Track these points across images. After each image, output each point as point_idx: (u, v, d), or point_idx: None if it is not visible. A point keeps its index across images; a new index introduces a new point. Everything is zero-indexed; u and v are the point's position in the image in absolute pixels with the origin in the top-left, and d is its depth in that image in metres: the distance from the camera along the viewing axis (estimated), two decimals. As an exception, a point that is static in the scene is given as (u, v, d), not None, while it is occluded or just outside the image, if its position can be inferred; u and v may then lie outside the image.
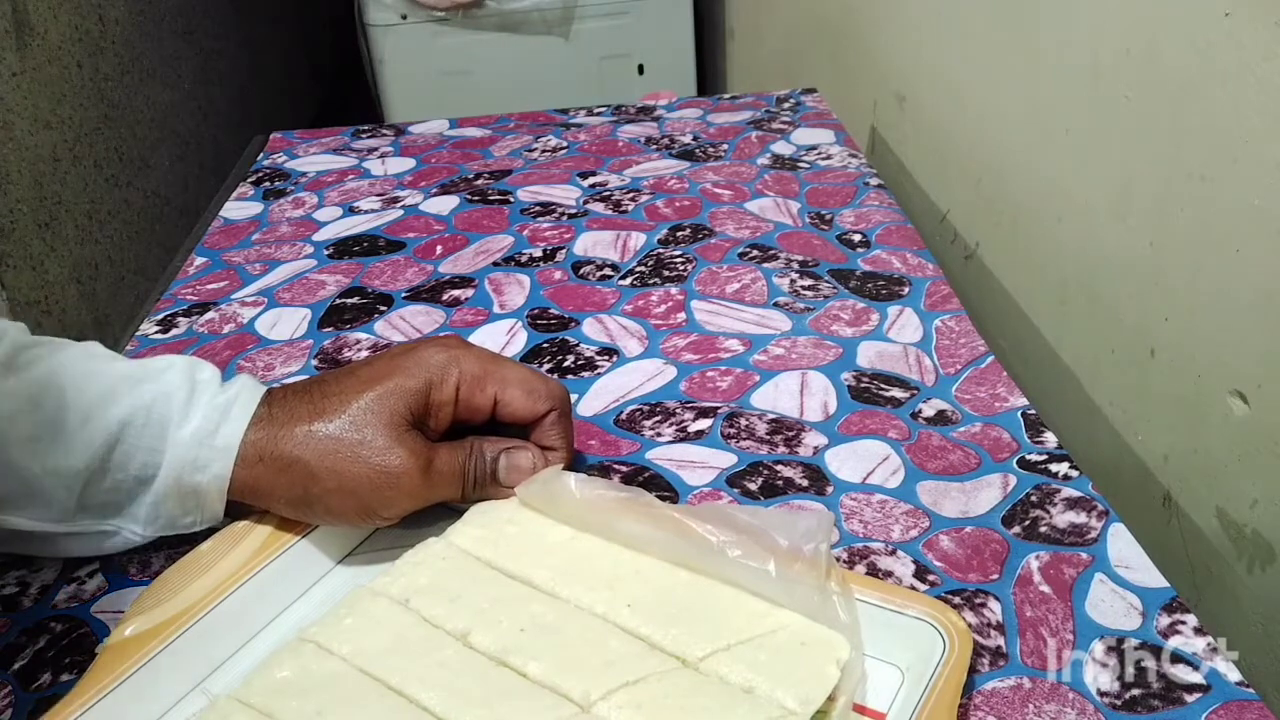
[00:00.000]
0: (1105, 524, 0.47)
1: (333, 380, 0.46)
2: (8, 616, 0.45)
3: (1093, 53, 0.66)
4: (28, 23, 1.31)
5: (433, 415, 0.46)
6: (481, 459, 0.46)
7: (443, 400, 0.46)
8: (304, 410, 0.45)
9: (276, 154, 0.92)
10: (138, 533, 0.45)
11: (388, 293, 0.69)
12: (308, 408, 0.45)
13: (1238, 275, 0.55)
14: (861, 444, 0.53)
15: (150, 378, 0.45)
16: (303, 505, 0.45)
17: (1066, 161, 0.71)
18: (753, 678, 0.37)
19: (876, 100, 1.07)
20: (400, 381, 0.45)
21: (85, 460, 0.43)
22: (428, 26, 1.83)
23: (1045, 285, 0.76)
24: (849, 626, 0.39)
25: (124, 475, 0.44)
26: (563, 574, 0.42)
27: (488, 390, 0.47)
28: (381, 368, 0.46)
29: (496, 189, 0.83)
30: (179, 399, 0.44)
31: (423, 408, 0.45)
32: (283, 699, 0.37)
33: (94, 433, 0.43)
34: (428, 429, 0.46)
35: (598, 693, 0.37)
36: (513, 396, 0.47)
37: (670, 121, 0.94)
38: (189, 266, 0.74)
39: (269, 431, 0.44)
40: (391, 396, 0.44)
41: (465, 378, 0.46)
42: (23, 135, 1.27)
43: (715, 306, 0.65)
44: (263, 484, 0.44)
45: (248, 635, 0.43)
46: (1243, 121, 0.52)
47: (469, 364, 0.47)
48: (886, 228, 0.74)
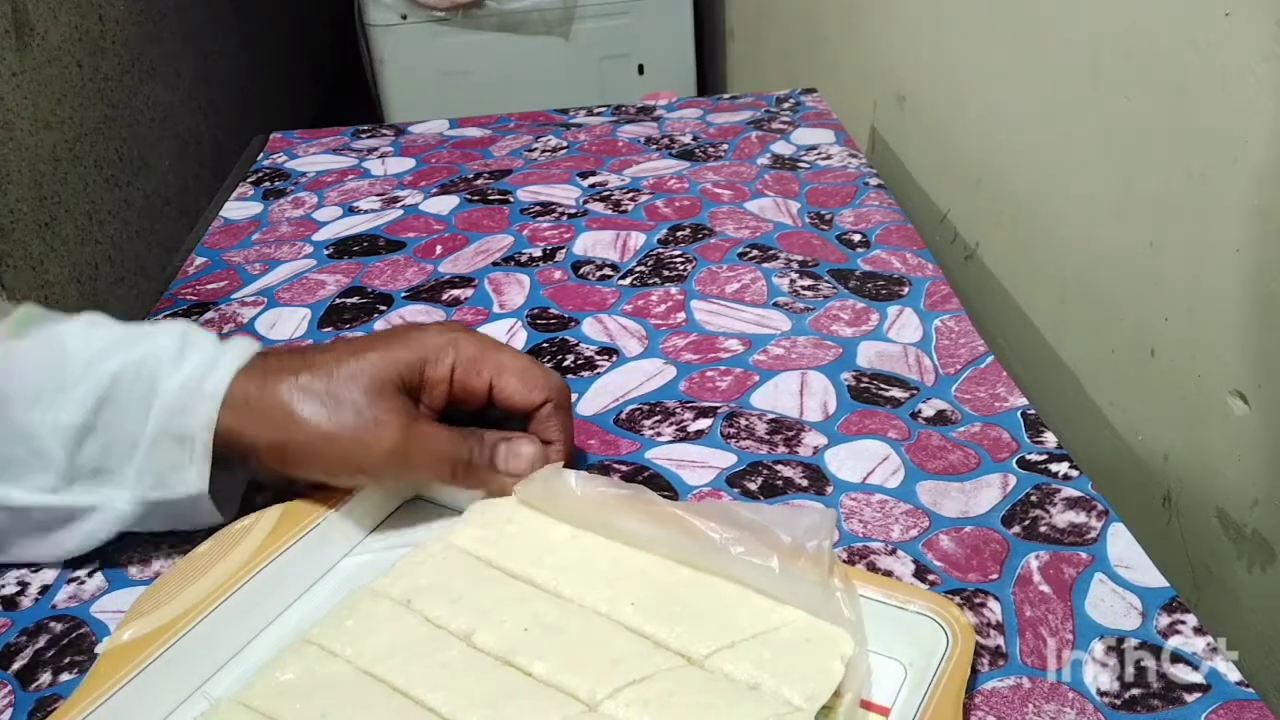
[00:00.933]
0: (1105, 524, 0.47)
1: (328, 346, 0.47)
2: (8, 616, 0.45)
3: (1093, 53, 0.66)
4: (28, 23, 1.31)
5: (426, 391, 0.47)
6: (480, 444, 0.47)
7: (437, 378, 0.47)
8: (294, 364, 0.45)
9: (276, 154, 0.92)
10: (126, 501, 0.45)
11: (387, 292, 0.69)
12: (298, 362, 0.46)
13: (1238, 275, 0.55)
14: (861, 444, 0.53)
15: (145, 338, 0.46)
16: (284, 453, 0.45)
17: (1066, 161, 0.71)
18: (758, 674, 0.37)
19: (876, 100, 1.07)
20: (395, 352, 0.46)
21: (80, 416, 0.44)
22: (428, 26, 1.84)
23: (1045, 285, 0.76)
24: (853, 623, 0.39)
25: (116, 432, 0.44)
26: (564, 573, 0.42)
27: (484, 374, 0.47)
28: (379, 338, 0.47)
29: (496, 189, 0.83)
30: (169, 354, 0.45)
31: (416, 380, 0.46)
32: (286, 701, 0.37)
33: (87, 388, 0.44)
34: (422, 405, 0.47)
35: (604, 691, 0.37)
36: (508, 383, 0.47)
37: (670, 121, 0.94)
38: (189, 266, 0.74)
39: (257, 380, 0.45)
40: (383, 362, 0.45)
41: (461, 359, 0.47)
42: (23, 135, 1.27)
43: (715, 306, 0.65)
44: (247, 430, 0.44)
45: (248, 637, 0.43)
46: (1243, 121, 0.52)
47: (466, 347, 0.47)
48: (886, 228, 0.74)
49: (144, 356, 0.45)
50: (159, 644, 0.40)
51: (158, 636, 0.40)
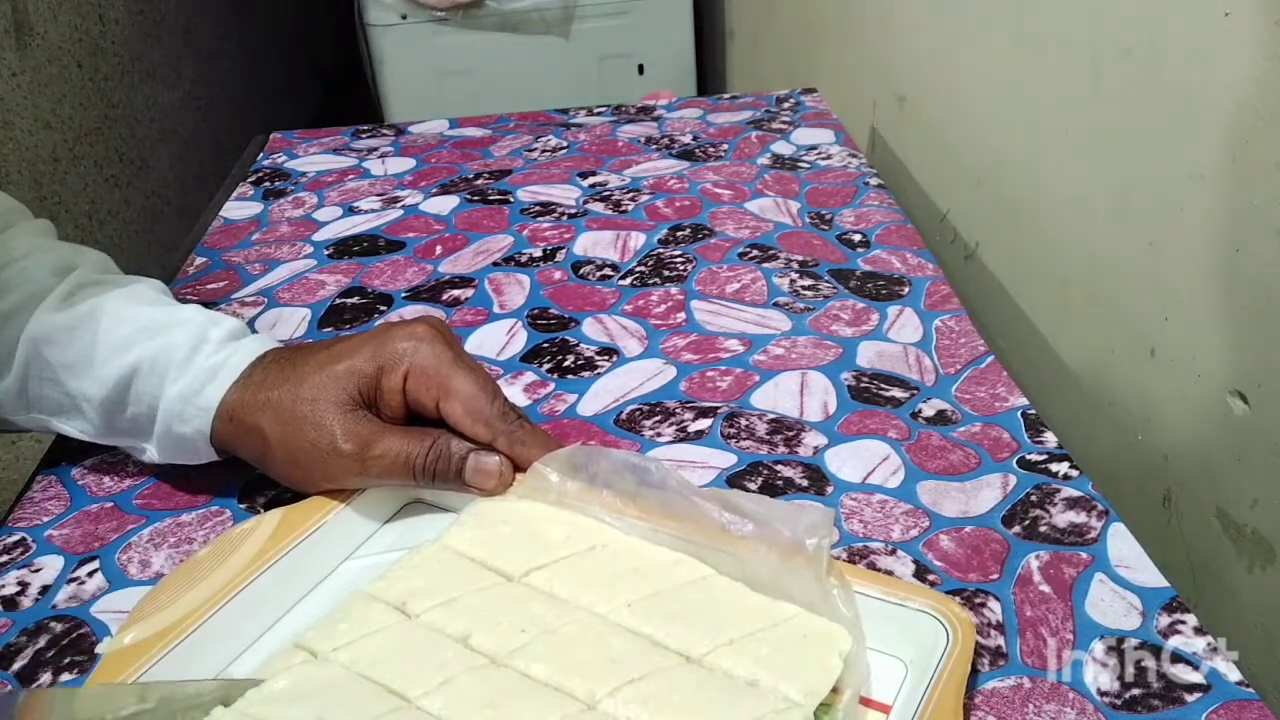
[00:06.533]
0: (1105, 524, 0.47)
1: (312, 351, 0.49)
2: (8, 616, 0.45)
3: (1093, 53, 0.66)
4: (28, 23, 1.31)
5: (382, 400, 0.48)
6: (446, 453, 0.47)
7: (390, 388, 0.48)
8: (275, 379, 0.48)
9: (276, 154, 0.92)
10: (155, 452, 0.50)
11: (387, 292, 0.69)
12: (278, 376, 0.48)
13: (1238, 275, 0.55)
14: (861, 444, 0.53)
15: (164, 331, 0.49)
16: (263, 466, 0.49)
17: (1066, 161, 0.71)
18: (757, 671, 0.37)
19: (876, 100, 1.07)
20: (356, 363, 0.47)
21: (106, 391, 0.49)
22: (428, 26, 1.83)
23: (1045, 285, 0.76)
24: (850, 619, 0.39)
25: (138, 409, 0.49)
26: (560, 574, 0.42)
27: (431, 393, 0.48)
28: (349, 346, 0.49)
29: (496, 189, 0.83)
30: (180, 354, 0.49)
31: (372, 391, 0.48)
32: (281, 707, 0.37)
33: (111, 370, 0.49)
34: (381, 412, 0.48)
35: (603, 690, 0.37)
36: (452, 410, 0.47)
37: (670, 121, 0.94)
38: (189, 266, 0.74)
39: (242, 395, 0.48)
40: (344, 377, 0.47)
41: (414, 371, 0.47)
42: (23, 135, 1.27)
43: (715, 306, 0.65)
44: (232, 442, 0.48)
45: (249, 641, 0.43)
46: (1243, 121, 0.52)
47: (423, 359, 0.48)
48: (886, 228, 0.74)
49: (158, 352, 0.49)
50: (161, 647, 0.40)
51: (160, 640, 0.40)
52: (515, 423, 0.48)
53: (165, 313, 0.51)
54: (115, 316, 0.50)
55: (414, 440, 0.46)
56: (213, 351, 0.49)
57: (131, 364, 0.49)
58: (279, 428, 0.47)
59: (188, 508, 0.51)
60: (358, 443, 0.46)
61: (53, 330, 0.50)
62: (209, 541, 0.47)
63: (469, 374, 0.48)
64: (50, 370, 0.50)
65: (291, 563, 0.45)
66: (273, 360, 0.49)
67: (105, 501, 0.51)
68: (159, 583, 0.43)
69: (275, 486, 0.51)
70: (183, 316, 0.51)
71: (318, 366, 0.47)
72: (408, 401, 0.48)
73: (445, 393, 0.47)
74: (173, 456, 0.50)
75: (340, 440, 0.46)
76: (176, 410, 0.48)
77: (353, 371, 0.47)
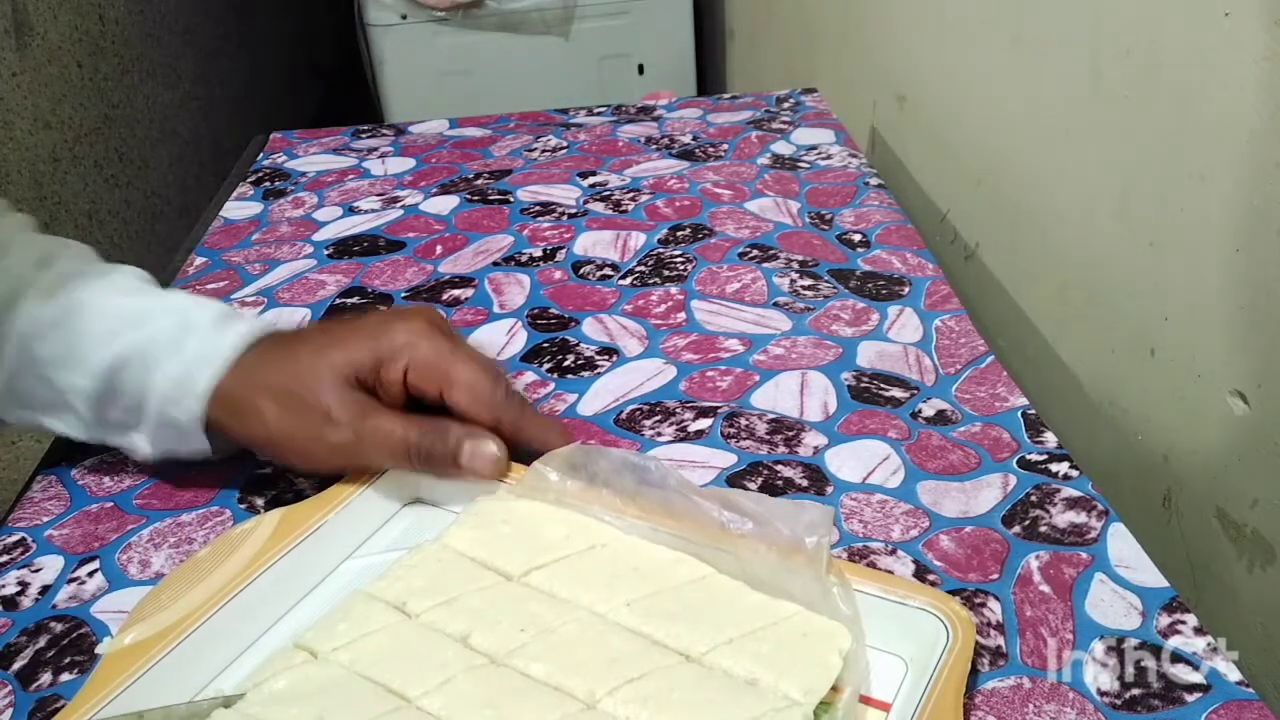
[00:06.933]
0: (1105, 524, 0.47)
1: (306, 336, 0.50)
2: (8, 616, 0.45)
3: (1093, 52, 0.66)
4: (28, 23, 1.31)
5: (382, 389, 0.48)
6: (443, 438, 0.47)
7: (391, 379, 0.48)
8: (269, 361, 0.48)
9: (276, 154, 0.92)
10: (146, 446, 0.50)
11: (387, 292, 0.69)
12: (273, 359, 0.48)
13: (1238, 275, 0.55)
14: (861, 444, 0.53)
15: (148, 319, 0.49)
16: (257, 446, 0.49)
17: (1066, 161, 0.71)
18: (756, 670, 0.37)
19: (876, 100, 1.07)
20: (353, 354, 0.48)
21: (94, 384, 0.48)
22: (428, 26, 1.84)
23: (1045, 285, 0.76)
24: (850, 617, 0.39)
25: (129, 400, 0.49)
26: (559, 573, 0.42)
27: (434, 383, 0.48)
28: (345, 334, 0.49)
29: (496, 189, 0.83)
30: (166, 339, 0.49)
31: (371, 378, 0.48)
32: (281, 707, 0.37)
33: (98, 362, 0.48)
34: (380, 400, 0.48)
35: (603, 690, 0.37)
36: (458, 398, 0.48)
37: (670, 121, 0.94)
38: (189, 266, 0.74)
39: (237, 378, 0.48)
40: (341, 360, 0.48)
41: (415, 363, 0.48)
42: (23, 135, 1.27)
43: (715, 306, 0.65)
44: (225, 423, 0.48)
45: (249, 641, 0.43)
46: (1243, 121, 0.52)
47: (424, 352, 0.48)
48: (886, 228, 0.74)
49: (146, 340, 0.49)
50: (161, 647, 0.40)
51: (160, 640, 0.40)
52: (519, 406, 0.48)
53: (150, 300, 0.51)
54: (99, 307, 0.50)
55: (411, 423, 0.47)
56: (204, 336, 0.49)
57: (119, 353, 0.48)
58: (276, 406, 0.47)
59: (188, 508, 0.51)
60: (354, 411, 0.47)
61: (38, 324, 0.49)
62: (209, 541, 0.47)
63: (470, 362, 0.49)
64: (38, 365, 0.49)
65: (291, 563, 0.45)
66: (267, 345, 0.49)
67: (105, 501, 0.51)
68: (159, 583, 0.43)
69: (275, 486, 0.51)
70: (169, 303, 0.50)
71: (314, 351, 0.48)
72: (409, 391, 0.48)
73: (449, 382, 0.48)
74: (165, 444, 0.49)
75: (335, 409, 0.46)
76: (171, 395, 0.48)
77: (350, 359, 0.48)
